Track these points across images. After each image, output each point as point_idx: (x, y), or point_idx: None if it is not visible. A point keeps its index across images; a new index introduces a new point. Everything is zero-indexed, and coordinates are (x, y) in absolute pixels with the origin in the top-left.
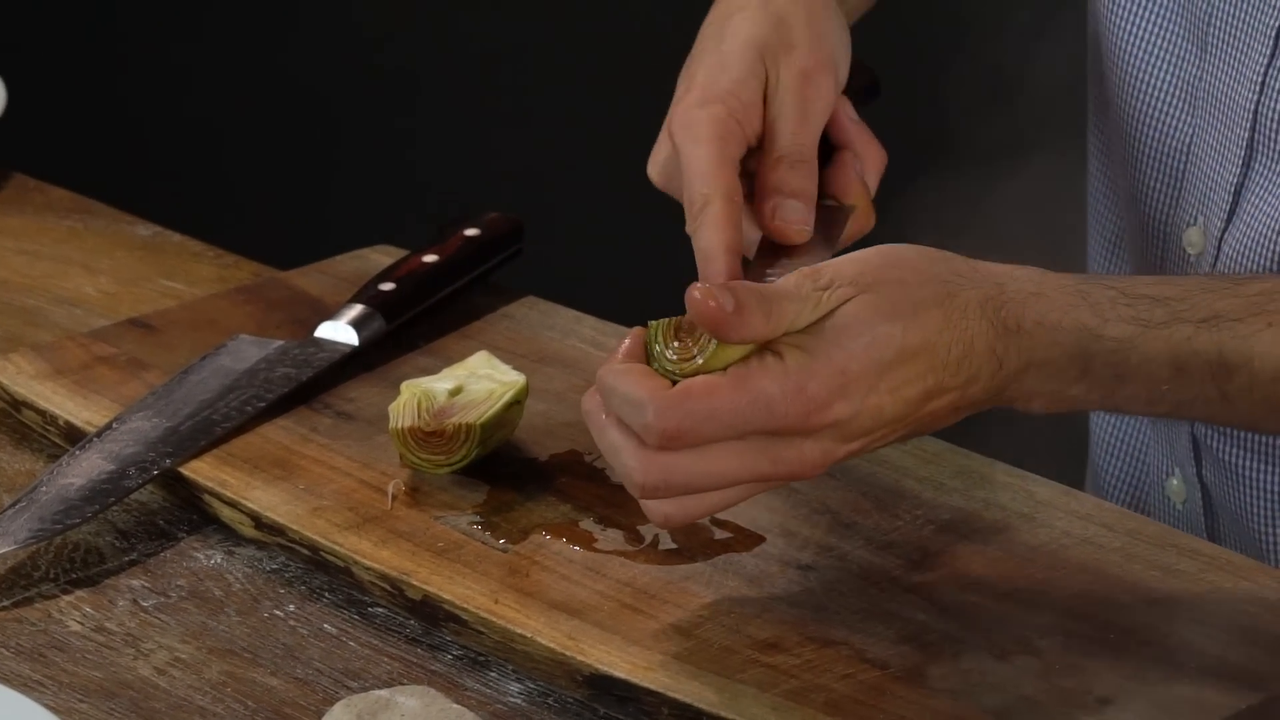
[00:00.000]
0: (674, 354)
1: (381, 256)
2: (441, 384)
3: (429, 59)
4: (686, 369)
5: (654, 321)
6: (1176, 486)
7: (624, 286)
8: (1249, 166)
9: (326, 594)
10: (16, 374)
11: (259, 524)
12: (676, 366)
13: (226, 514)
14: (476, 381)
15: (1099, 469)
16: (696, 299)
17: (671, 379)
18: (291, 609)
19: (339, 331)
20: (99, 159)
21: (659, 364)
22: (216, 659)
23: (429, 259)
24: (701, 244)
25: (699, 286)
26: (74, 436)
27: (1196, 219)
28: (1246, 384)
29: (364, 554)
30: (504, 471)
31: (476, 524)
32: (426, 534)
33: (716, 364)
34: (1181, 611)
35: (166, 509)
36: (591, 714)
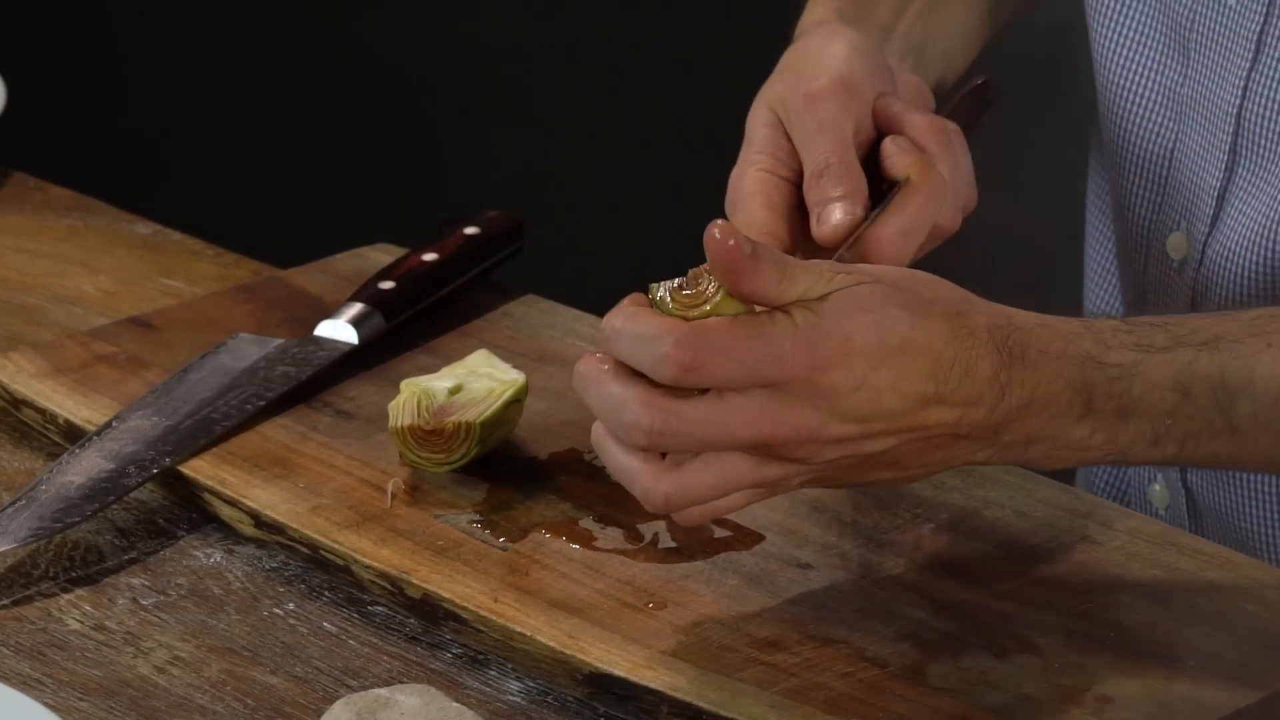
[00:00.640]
0: (682, 300)
1: (381, 255)
2: (441, 382)
3: (428, 57)
4: (693, 314)
5: (654, 284)
6: (1159, 492)
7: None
8: (1232, 171)
9: (326, 592)
10: (16, 372)
11: (258, 522)
12: (685, 312)
13: (226, 512)
14: (476, 380)
15: (1088, 473)
16: (716, 237)
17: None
18: (291, 607)
19: (338, 330)
20: (98, 157)
21: (664, 309)
22: (216, 657)
23: (429, 257)
24: None
25: (719, 224)
26: (74, 435)
27: (1180, 224)
28: (1250, 409)
29: (364, 552)
30: (503, 470)
31: (476, 522)
32: (426, 532)
33: (724, 312)
34: (1181, 610)
35: (166, 507)
36: (591, 712)
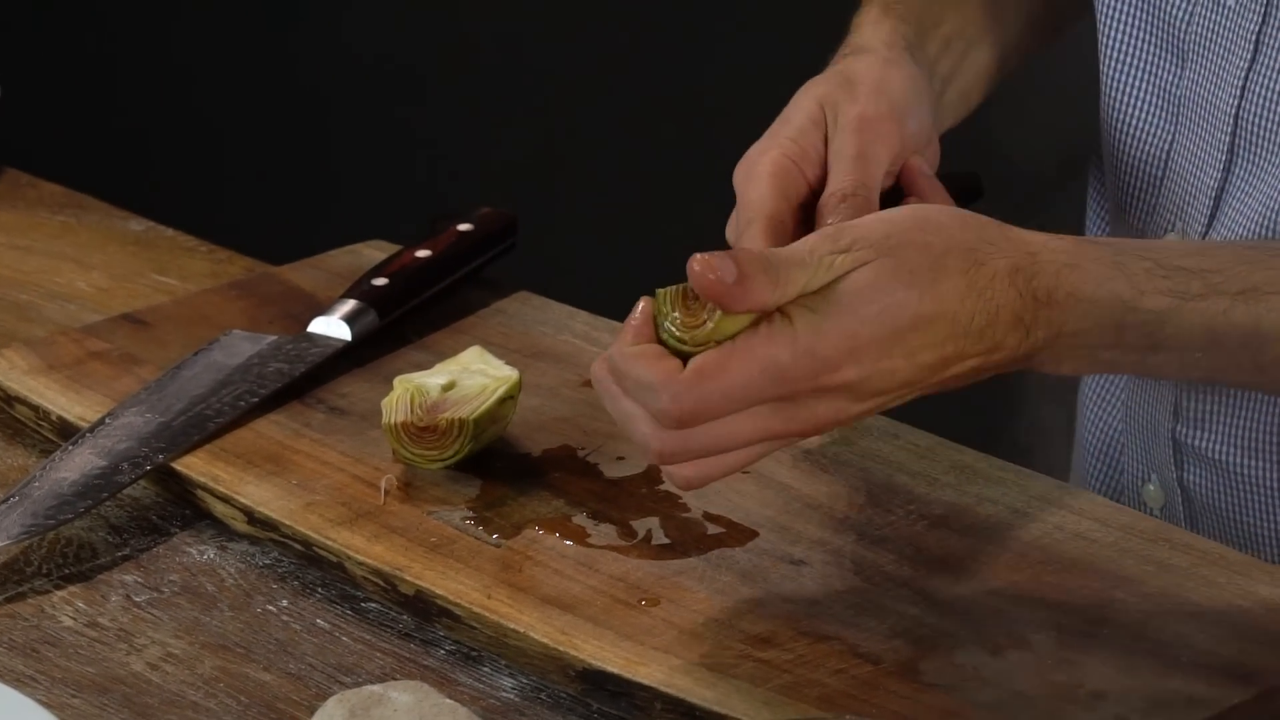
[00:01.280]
0: (682, 323)
1: (374, 251)
2: (434, 379)
3: (422, 54)
4: (696, 337)
5: (661, 290)
6: (1154, 492)
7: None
8: (1229, 171)
9: (319, 589)
10: (9, 369)
11: (252, 519)
12: (686, 335)
13: (219, 509)
14: (469, 377)
15: (1082, 472)
16: (696, 271)
17: (681, 351)
18: (284, 604)
19: (332, 326)
20: (92, 154)
21: (668, 335)
22: (209, 654)
23: (422, 254)
24: None
25: (699, 257)
26: (67, 432)
27: (1175, 224)
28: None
29: (357, 549)
30: (497, 466)
31: (469, 519)
32: (419, 529)
33: (725, 330)
34: (1174, 606)
35: (159, 504)
36: (585, 709)
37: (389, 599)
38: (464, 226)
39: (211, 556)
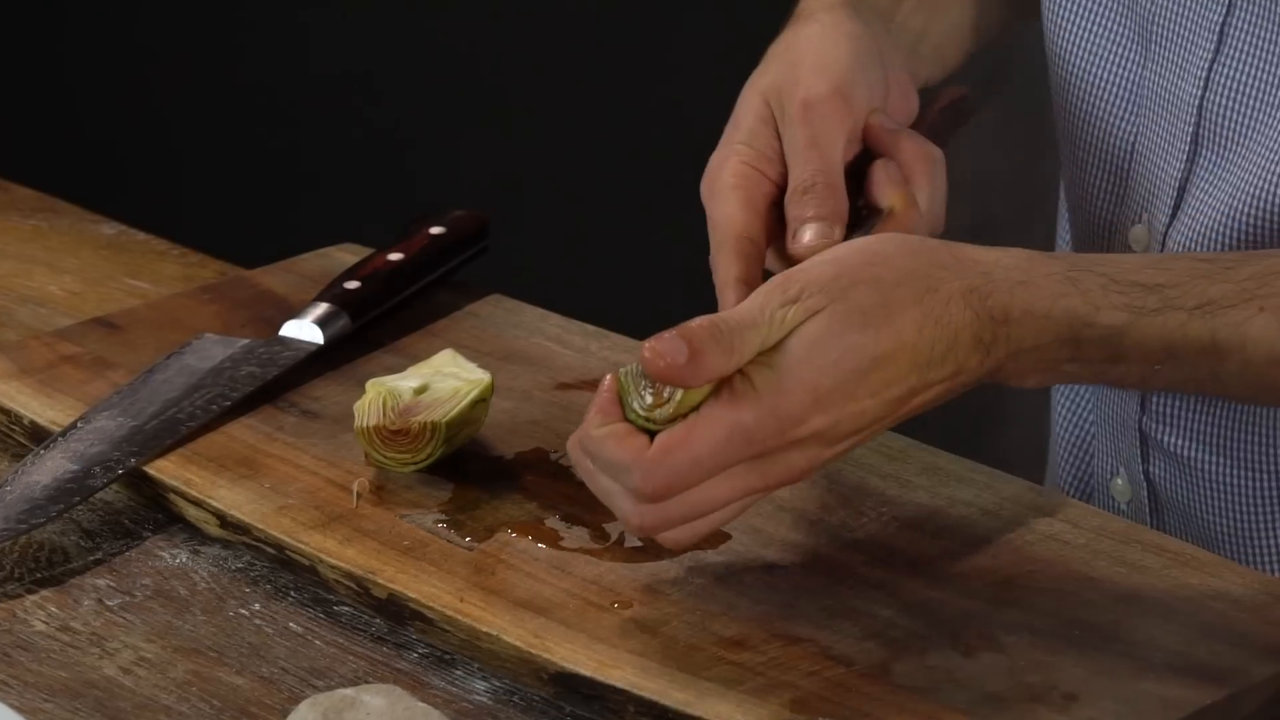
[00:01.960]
0: (648, 400)
1: (347, 255)
2: (407, 382)
3: (393, 57)
4: (663, 414)
5: (624, 368)
6: (1121, 486)
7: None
8: (1193, 162)
9: (292, 592)
10: None
11: (224, 523)
12: (651, 414)
13: (191, 513)
14: (442, 380)
15: (1056, 469)
16: (648, 359)
17: (648, 428)
18: (257, 608)
19: (304, 330)
20: (63, 158)
21: (634, 415)
22: (182, 658)
23: (394, 257)
24: (717, 278)
25: (649, 345)
26: (39, 436)
27: (1141, 216)
28: (1239, 368)
29: (329, 552)
30: (469, 469)
31: (442, 522)
32: (392, 532)
33: (690, 402)
34: (1146, 608)
35: (131, 508)
36: (558, 712)
37: (361, 602)
38: (436, 229)
39: (184, 560)
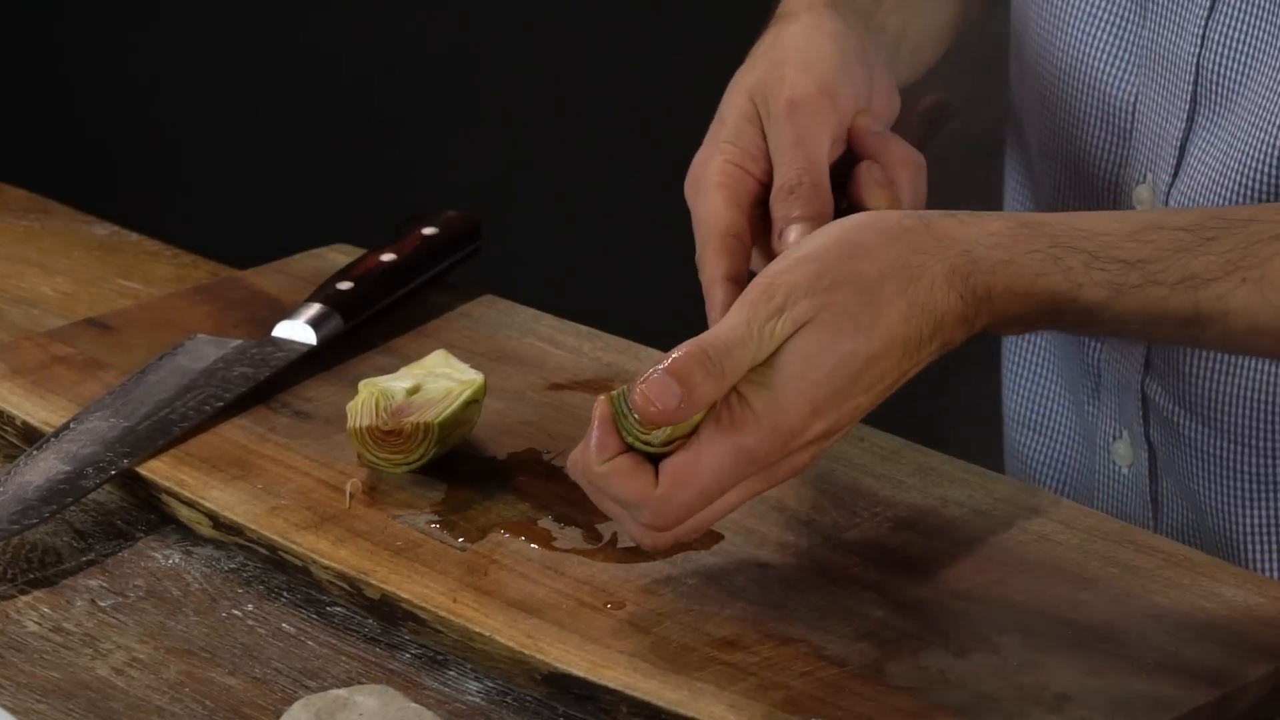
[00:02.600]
0: (642, 427)
1: (339, 255)
2: (399, 383)
3: (387, 59)
4: (660, 437)
5: (615, 391)
6: (1124, 450)
7: (582, 284)
8: (1193, 120)
9: (285, 593)
10: None
11: (217, 523)
12: (650, 437)
13: (184, 514)
14: (434, 380)
15: (1016, 447)
16: (639, 405)
17: (647, 452)
18: (250, 608)
19: (297, 331)
20: (56, 159)
21: (631, 435)
22: (174, 659)
23: (387, 258)
24: (703, 275)
25: (640, 390)
26: (31, 437)
27: (1145, 176)
28: (1220, 337)
29: (322, 553)
30: (462, 470)
31: (435, 523)
32: (385, 533)
33: (689, 423)
34: (1139, 608)
35: (124, 509)
36: (550, 712)
37: (354, 603)
38: (429, 230)
39: (176, 561)
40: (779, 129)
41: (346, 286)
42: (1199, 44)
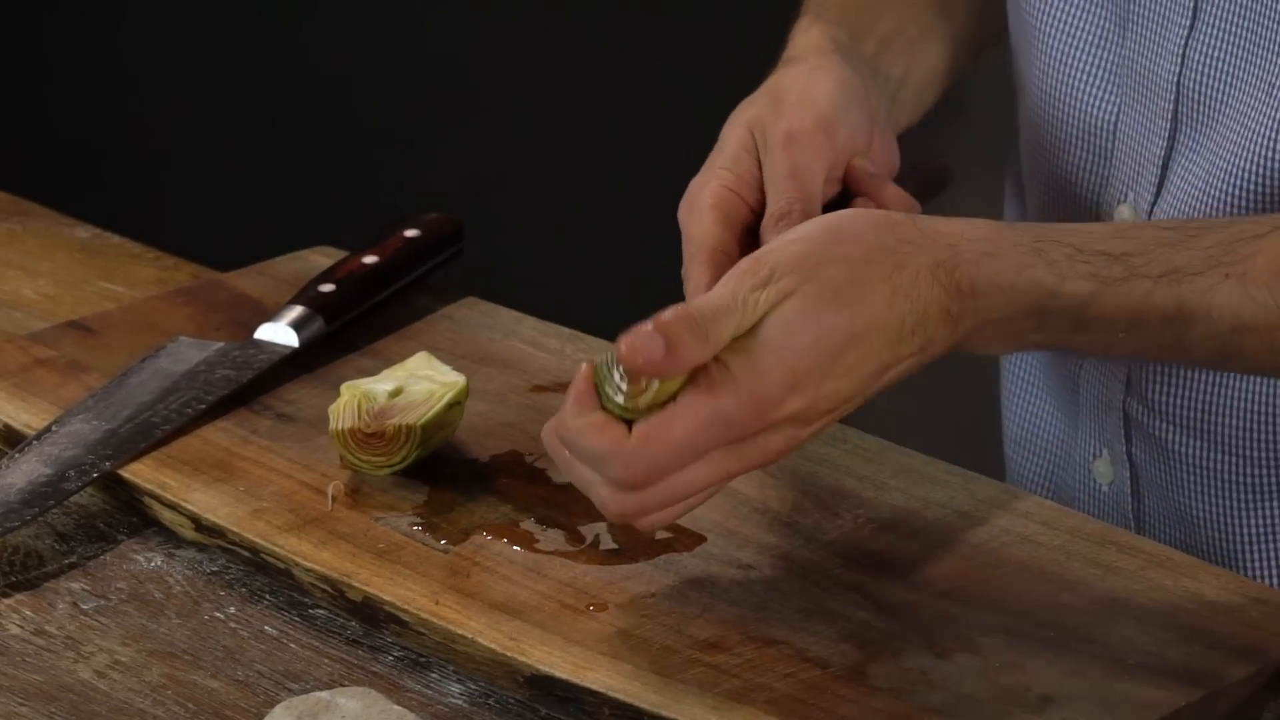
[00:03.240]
0: (625, 389)
1: (321, 258)
2: (381, 385)
3: (369, 62)
4: (640, 403)
5: (599, 357)
6: (1103, 468)
7: (564, 287)
8: (1174, 139)
9: (267, 596)
10: None
11: (199, 526)
12: (629, 402)
13: (166, 516)
14: (416, 383)
15: (1012, 466)
16: (625, 354)
17: (626, 417)
18: (232, 611)
19: (279, 333)
20: (38, 161)
21: (611, 404)
22: (157, 661)
23: (369, 260)
24: (688, 287)
25: (626, 340)
26: (13, 439)
27: (1127, 195)
28: (1204, 335)
29: (304, 555)
30: (444, 472)
31: (417, 525)
32: (367, 535)
33: (667, 391)
34: (1121, 609)
35: (106, 511)
36: (533, 714)
37: (337, 605)
38: (411, 232)
39: (159, 564)
40: (775, 159)
41: (329, 289)
42: (1179, 63)
